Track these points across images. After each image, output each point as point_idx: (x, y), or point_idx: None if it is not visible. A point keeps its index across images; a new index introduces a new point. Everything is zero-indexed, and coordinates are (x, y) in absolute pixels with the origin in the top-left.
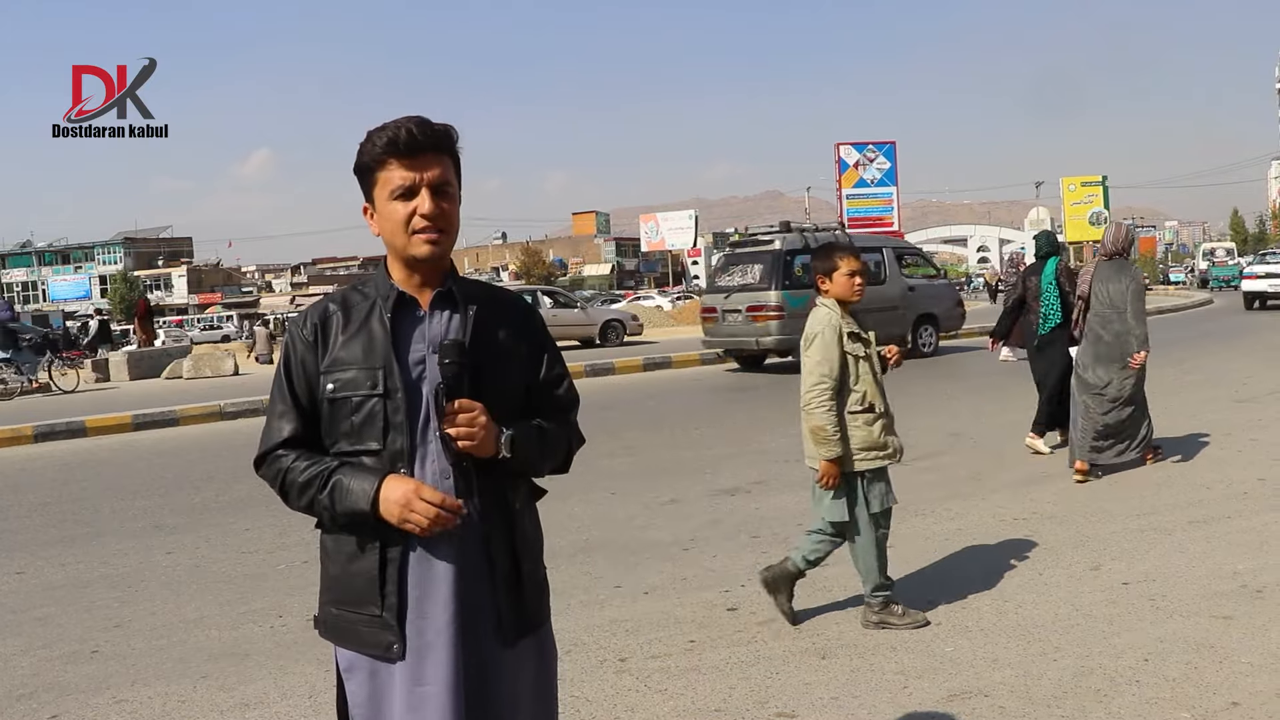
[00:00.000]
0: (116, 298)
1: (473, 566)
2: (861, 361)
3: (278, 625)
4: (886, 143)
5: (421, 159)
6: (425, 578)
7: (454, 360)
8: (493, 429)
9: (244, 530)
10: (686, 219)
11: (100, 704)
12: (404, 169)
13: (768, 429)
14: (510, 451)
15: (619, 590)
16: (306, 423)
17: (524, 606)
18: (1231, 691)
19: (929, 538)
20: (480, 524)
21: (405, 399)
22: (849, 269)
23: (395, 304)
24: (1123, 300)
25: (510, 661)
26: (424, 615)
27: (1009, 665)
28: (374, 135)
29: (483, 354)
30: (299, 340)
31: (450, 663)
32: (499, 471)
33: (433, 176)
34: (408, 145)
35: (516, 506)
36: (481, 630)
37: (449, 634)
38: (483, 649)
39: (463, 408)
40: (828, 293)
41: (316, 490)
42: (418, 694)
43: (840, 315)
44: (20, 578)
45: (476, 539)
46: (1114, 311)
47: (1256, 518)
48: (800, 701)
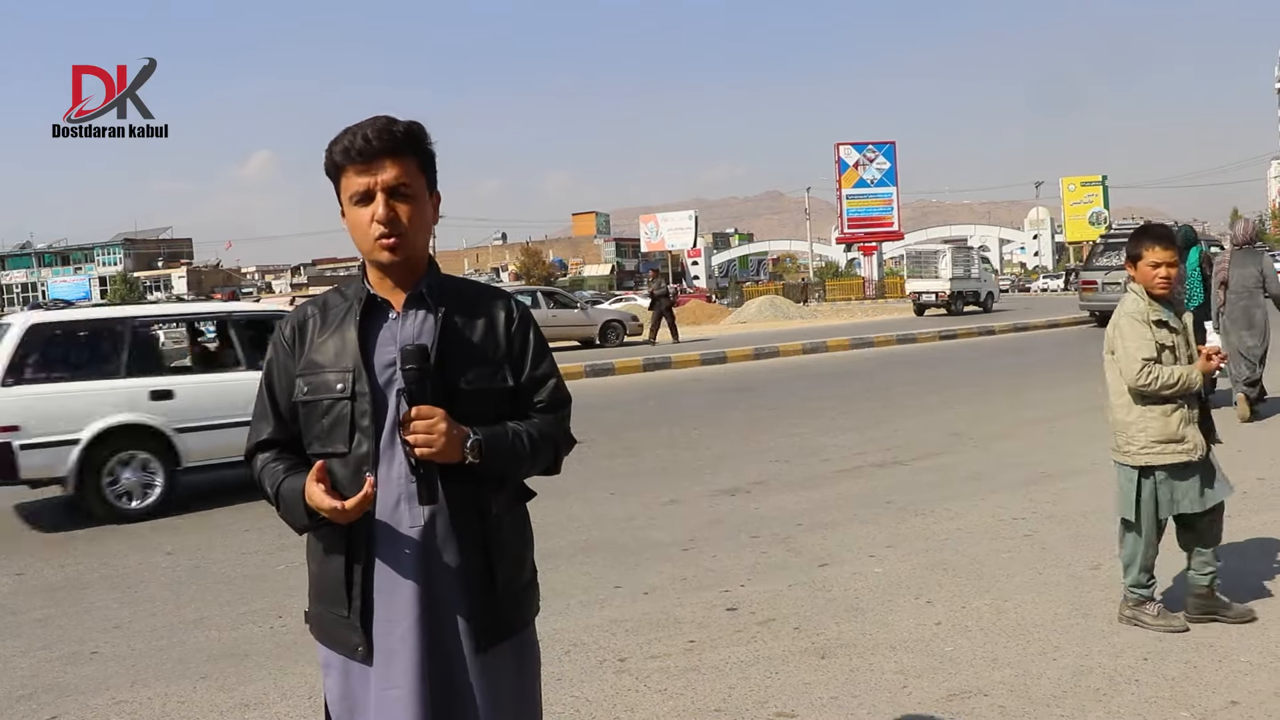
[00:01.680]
0: (116, 299)
1: (441, 571)
2: (1167, 351)
3: (277, 626)
4: (886, 143)
5: (376, 164)
6: (390, 582)
7: (415, 366)
8: (457, 434)
9: (244, 531)
10: (686, 219)
11: (100, 705)
12: (359, 175)
13: (767, 429)
14: (476, 457)
15: (619, 590)
16: (285, 425)
17: (498, 612)
18: (1231, 690)
19: (929, 537)
20: (450, 529)
21: (372, 402)
22: (1154, 259)
23: (366, 307)
24: (1253, 281)
25: (485, 666)
26: (389, 619)
27: (1008, 665)
28: (333, 143)
29: (454, 356)
30: (279, 344)
31: (416, 667)
32: (469, 477)
33: (386, 180)
34: (361, 151)
35: (494, 512)
36: (450, 635)
37: (414, 638)
38: (452, 653)
39: (420, 415)
40: (1135, 279)
41: (275, 503)
42: (387, 696)
43: (1146, 302)
44: (20, 578)
45: (448, 544)
46: (1246, 290)
47: (1256, 517)
48: (800, 701)
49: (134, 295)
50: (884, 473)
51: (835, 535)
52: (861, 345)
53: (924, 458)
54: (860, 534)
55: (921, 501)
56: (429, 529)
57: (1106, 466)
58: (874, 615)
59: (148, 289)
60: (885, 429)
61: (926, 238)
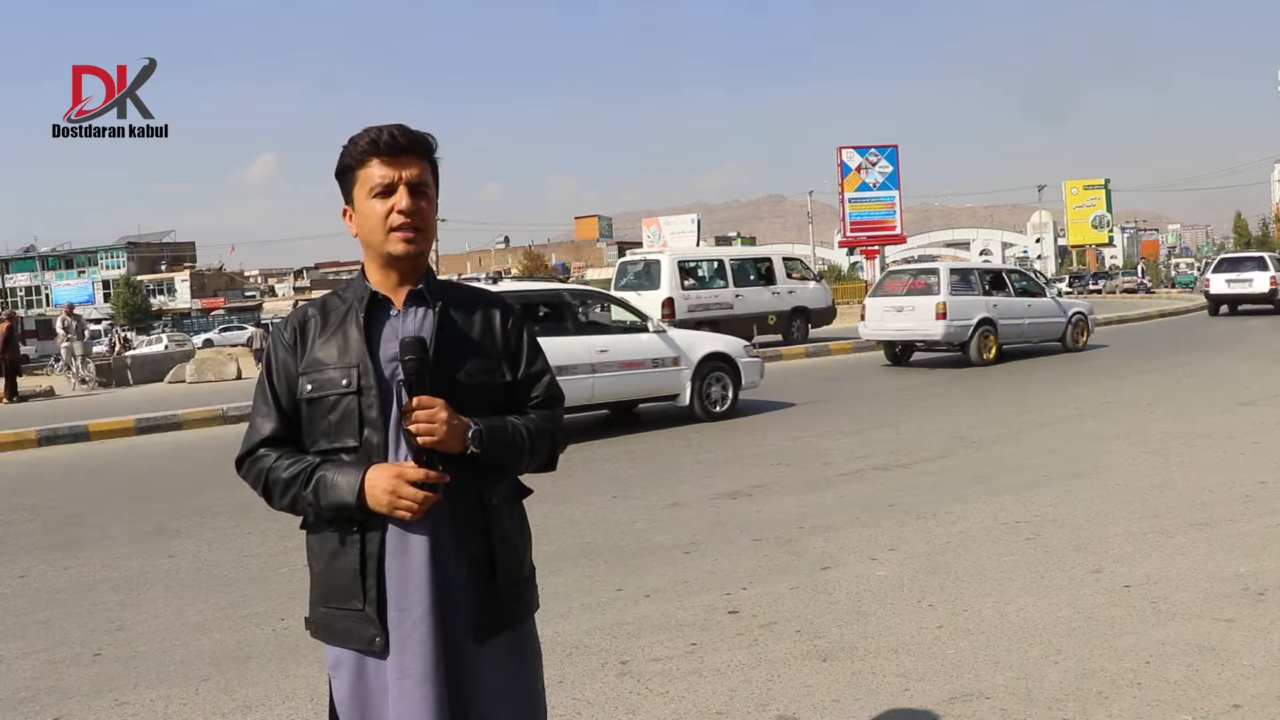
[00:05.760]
0: (120, 302)
1: (448, 560)
2: None
3: (279, 628)
4: (889, 146)
5: (401, 159)
6: (403, 571)
7: (414, 356)
8: (458, 424)
9: (246, 534)
10: (689, 223)
11: (102, 707)
12: (384, 166)
13: (768, 432)
14: (478, 447)
15: (620, 593)
16: (287, 424)
17: (497, 605)
18: (1233, 694)
19: (931, 541)
20: (453, 519)
21: (379, 395)
22: None
23: (369, 304)
24: None
25: (485, 657)
26: (402, 609)
27: (1010, 668)
28: (357, 137)
29: (451, 349)
30: (280, 344)
31: (428, 655)
32: (471, 467)
33: (411, 175)
34: (388, 145)
35: (494, 502)
36: (455, 625)
37: (425, 626)
38: (459, 643)
39: (421, 404)
40: None
41: (300, 487)
42: (401, 685)
43: None
44: (23, 581)
45: (451, 533)
46: None
47: (1259, 520)
48: (802, 704)
49: (137, 299)
50: (886, 476)
51: (837, 538)
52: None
53: (926, 461)
54: (862, 537)
55: (923, 504)
56: (434, 519)
57: (1109, 470)
58: (876, 618)
59: (151, 292)
60: (887, 432)
61: (929, 241)
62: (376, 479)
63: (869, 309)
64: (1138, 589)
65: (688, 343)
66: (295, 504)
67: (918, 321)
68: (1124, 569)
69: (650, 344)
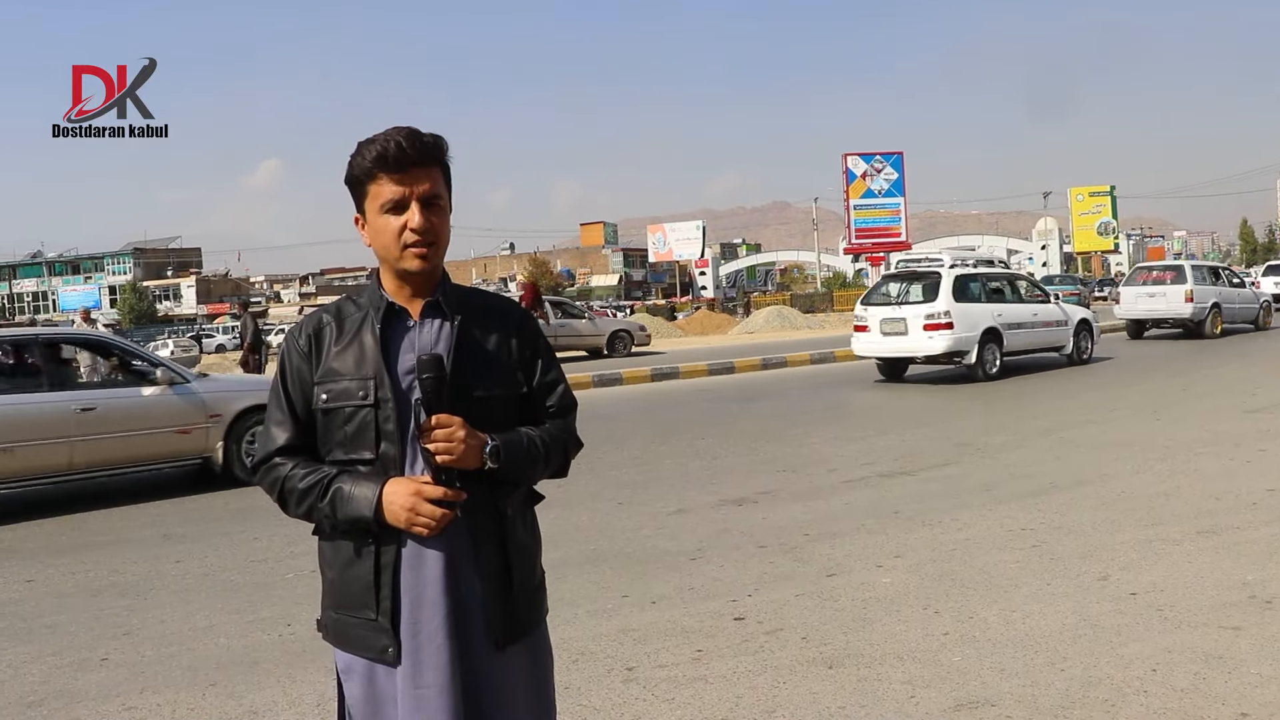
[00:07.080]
0: (126, 308)
1: (463, 572)
2: None
3: (286, 633)
4: (894, 153)
5: (411, 173)
6: (418, 582)
7: (432, 375)
8: (476, 441)
9: (253, 539)
10: (694, 229)
11: (110, 711)
12: (393, 183)
13: (774, 439)
14: (495, 462)
15: (626, 600)
16: (303, 431)
17: (514, 612)
18: (1240, 702)
19: (937, 548)
20: (470, 531)
21: (395, 408)
22: None
23: (386, 315)
24: None
25: (502, 665)
26: (417, 619)
27: (1016, 675)
28: (364, 148)
29: (469, 364)
30: (294, 351)
31: (445, 665)
32: (488, 481)
33: (423, 190)
34: (396, 159)
35: (509, 514)
36: (472, 634)
37: (441, 637)
38: (475, 652)
39: (440, 423)
40: None
41: (316, 498)
42: (416, 695)
43: None
44: (30, 586)
45: (467, 545)
46: None
47: (1265, 528)
48: (807, 711)
49: (143, 304)
50: (891, 483)
51: (843, 545)
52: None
53: (931, 468)
54: (868, 544)
55: (929, 512)
56: (450, 531)
57: (1114, 477)
58: (881, 625)
59: (157, 298)
60: (892, 438)
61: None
62: (395, 495)
63: (1123, 295)
64: (1144, 596)
65: (1069, 310)
66: (311, 514)
67: (1168, 304)
68: (1130, 576)
69: (1053, 311)
